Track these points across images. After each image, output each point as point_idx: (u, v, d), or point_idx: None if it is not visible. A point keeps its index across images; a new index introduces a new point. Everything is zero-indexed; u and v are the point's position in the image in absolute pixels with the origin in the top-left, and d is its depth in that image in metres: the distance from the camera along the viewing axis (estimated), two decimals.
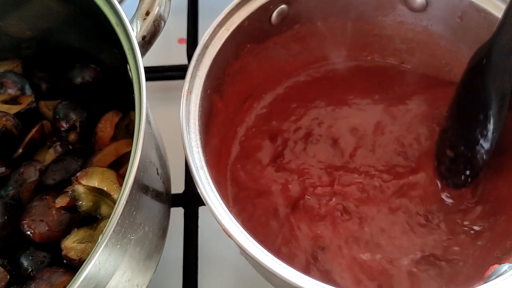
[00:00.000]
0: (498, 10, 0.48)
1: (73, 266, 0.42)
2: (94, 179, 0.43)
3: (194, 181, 0.41)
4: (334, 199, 0.52)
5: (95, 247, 0.34)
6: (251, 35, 0.52)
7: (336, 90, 0.58)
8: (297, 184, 0.54)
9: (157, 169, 0.47)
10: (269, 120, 0.57)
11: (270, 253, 0.38)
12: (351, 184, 0.53)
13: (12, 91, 0.53)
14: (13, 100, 0.53)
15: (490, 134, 0.47)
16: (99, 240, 0.35)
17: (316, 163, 0.55)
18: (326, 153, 0.56)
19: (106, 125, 0.51)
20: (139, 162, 0.37)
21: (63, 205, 0.44)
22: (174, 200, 0.55)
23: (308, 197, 0.52)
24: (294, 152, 0.56)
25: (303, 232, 0.51)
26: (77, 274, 0.34)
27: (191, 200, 0.59)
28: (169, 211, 0.52)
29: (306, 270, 0.48)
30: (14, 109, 0.52)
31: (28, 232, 0.43)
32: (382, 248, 0.49)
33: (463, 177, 0.50)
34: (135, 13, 0.46)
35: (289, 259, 0.49)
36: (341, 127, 0.57)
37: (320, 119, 0.57)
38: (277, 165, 0.55)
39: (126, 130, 0.52)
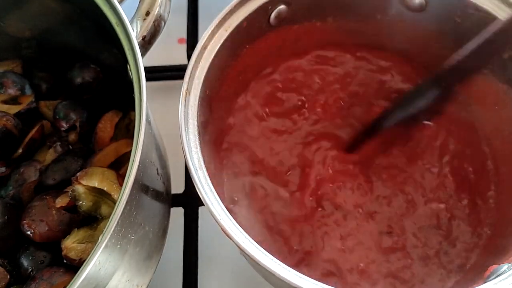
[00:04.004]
0: (497, 10, 0.48)
1: (73, 266, 0.42)
2: (94, 179, 0.43)
3: (193, 182, 0.41)
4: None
5: (95, 247, 0.34)
6: (249, 35, 0.52)
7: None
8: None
9: (157, 169, 0.47)
10: (268, 120, 0.57)
11: (269, 252, 0.38)
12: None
13: (12, 91, 0.53)
14: (13, 100, 0.53)
15: None
16: (99, 240, 0.35)
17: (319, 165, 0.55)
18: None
19: (106, 125, 0.51)
20: (139, 162, 0.37)
21: (63, 205, 0.44)
22: (174, 200, 0.56)
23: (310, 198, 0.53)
24: None
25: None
26: (77, 274, 0.34)
27: (191, 200, 0.59)
28: (169, 211, 0.52)
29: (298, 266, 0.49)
30: (14, 109, 0.52)
31: (28, 232, 0.43)
32: None
33: None
34: (135, 13, 0.47)
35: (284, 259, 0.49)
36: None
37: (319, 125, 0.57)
38: None
39: (126, 130, 0.52)
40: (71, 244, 0.42)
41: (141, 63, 0.41)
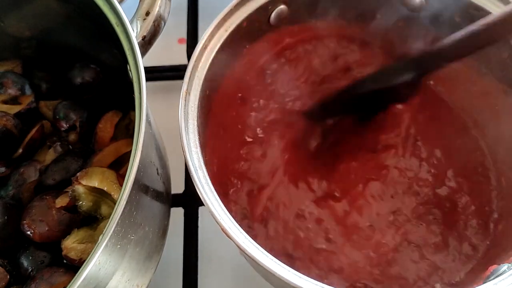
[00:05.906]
0: (497, 10, 0.48)
1: (73, 266, 0.42)
2: (94, 179, 0.43)
3: (193, 181, 0.41)
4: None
5: (95, 247, 0.34)
6: (249, 35, 0.52)
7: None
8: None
9: (157, 169, 0.47)
10: (268, 120, 0.57)
11: (270, 253, 0.38)
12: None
13: (12, 91, 0.53)
14: (13, 100, 0.53)
15: None
16: (99, 240, 0.35)
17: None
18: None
19: (106, 125, 0.51)
20: (139, 162, 0.37)
21: (63, 205, 0.44)
22: (174, 200, 0.56)
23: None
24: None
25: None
26: (77, 274, 0.34)
27: (191, 200, 0.59)
28: (169, 211, 0.52)
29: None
30: (14, 109, 0.52)
31: (28, 232, 0.43)
32: None
33: None
34: (135, 13, 0.47)
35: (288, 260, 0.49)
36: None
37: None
38: None
39: (126, 130, 0.52)
40: (71, 244, 0.42)
41: (141, 63, 0.41)
